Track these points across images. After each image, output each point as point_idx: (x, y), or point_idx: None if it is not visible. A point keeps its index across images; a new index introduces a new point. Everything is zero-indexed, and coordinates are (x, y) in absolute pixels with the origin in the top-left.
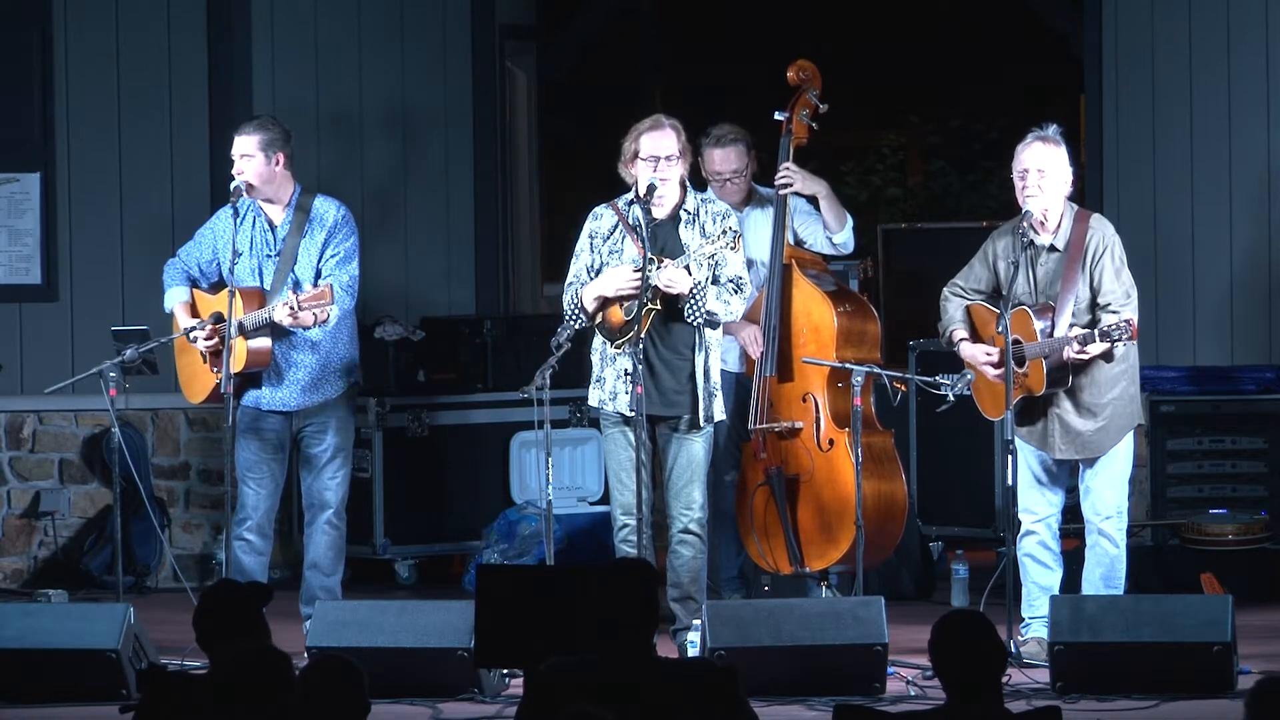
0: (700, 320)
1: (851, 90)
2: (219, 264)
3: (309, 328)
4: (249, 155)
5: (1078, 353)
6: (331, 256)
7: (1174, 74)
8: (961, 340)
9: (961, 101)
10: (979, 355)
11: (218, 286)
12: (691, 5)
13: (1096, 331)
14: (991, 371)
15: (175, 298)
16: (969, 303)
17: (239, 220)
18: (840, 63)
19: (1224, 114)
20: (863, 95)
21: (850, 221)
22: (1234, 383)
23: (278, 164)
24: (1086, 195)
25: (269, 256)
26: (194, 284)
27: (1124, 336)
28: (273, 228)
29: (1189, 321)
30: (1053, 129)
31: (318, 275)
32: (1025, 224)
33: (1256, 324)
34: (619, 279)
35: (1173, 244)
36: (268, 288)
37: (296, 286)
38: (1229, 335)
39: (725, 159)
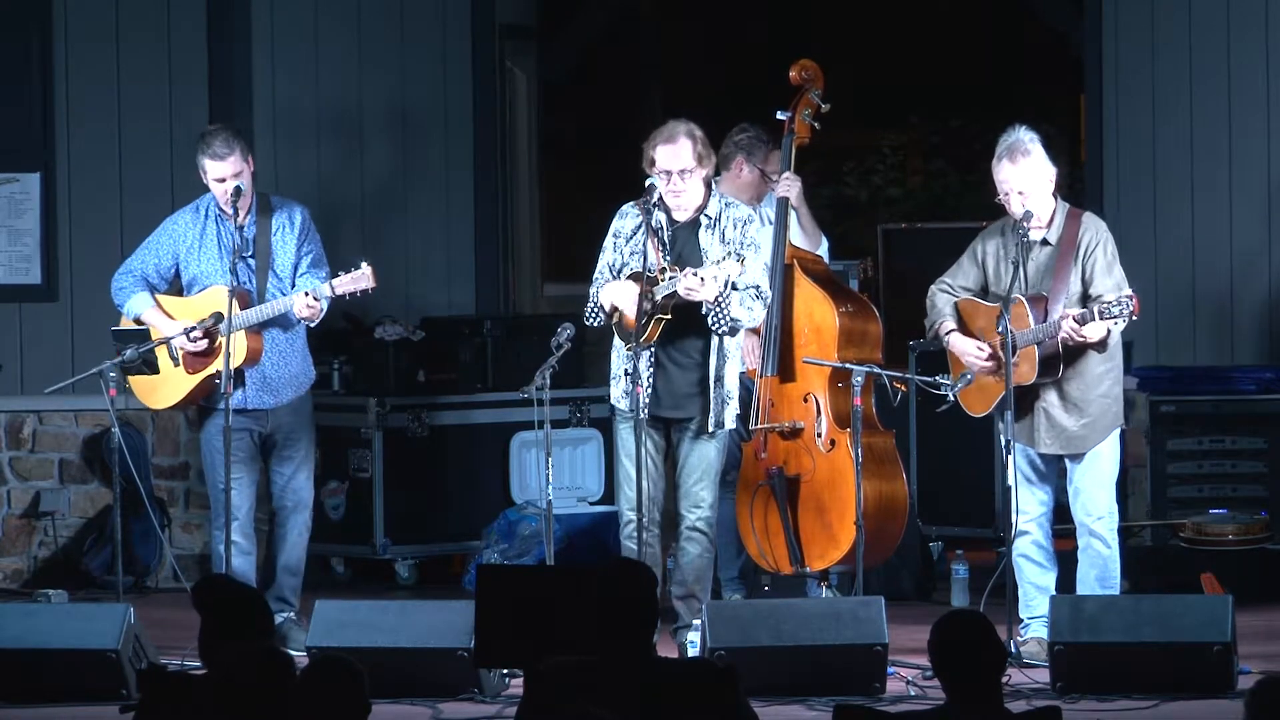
0: (725, 328)
1: (851, 90)
2: (178, 268)
3: (314, 322)
4: (239, 174)
5: (1074, 331)
6: (307, 254)
7: (1174, 73)
8: (950, 332)
9: (961, 101)
10: (969, 348)
11: (171, 292)
12: (691, 5)
13: (1095, 309)
14: (979, 364)
15: (142, 303)
16: (957, 299)
17: (203, 224)
18: (840, 63)
19: (1224, 114)
20: (863, 95)
21: (825, 243)
22: (1234, 383)
23: (252, 168)
24: (1087, 195)
25: (243, 258)
26: (152, 290)
27: (1125, 312)
28: (240, 229)
29: (1189, 321)
30: (1021, 132)
31: (294, 273)
32: (1026, 224)
33: (1256, 324)
34: (629, 298)
35: (1173, 244)
36: (251, 287)
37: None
38: (1229, 335)
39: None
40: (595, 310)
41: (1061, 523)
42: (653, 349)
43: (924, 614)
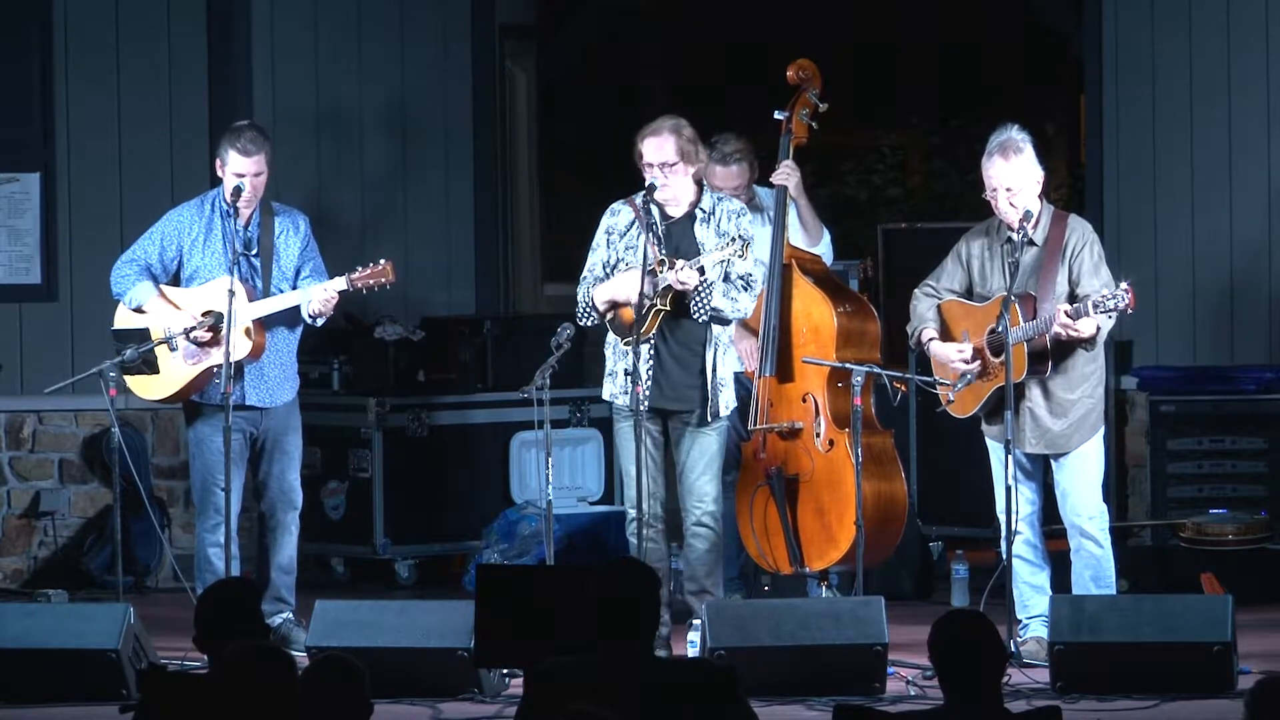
0: (706, 317)
1: (851, 90)
2: (181, 260)
3: (324, 319)
4: (260, 173)
5: (1066, 326)
6: (309, 261)
7: (1174, 73)
8: (930, 340)
9: (961, 101)
10: (950, 353)
11: (170, 284)
12: (691, 4)
13: (1089, 303)
14: (964, 368)
15: (146, 292)
16: (941, 301)
17: (209, 218)
18: (840, 63)
19: (1224, 114)
20: (863, 95)
21: (827, 236)
22: (1234, 383)
23: (268, 173)
24: (1086, 196)
25: (246, 255)
26: (155, 280)
27: (1120, 305)
28: (245, 227)
29: (1189, 321)
30: (1013, 130)
31: (296, 275)
32: (1026, 224)
33: (1256, 324)
34: (632, 287)
35: (1173, 243)
36: (255, 284)
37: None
38: (1229, 335)
39: (728, 176)
40: (588, 309)
41: (1051, 524)
42: (651, 341)
43: (924, 614)
